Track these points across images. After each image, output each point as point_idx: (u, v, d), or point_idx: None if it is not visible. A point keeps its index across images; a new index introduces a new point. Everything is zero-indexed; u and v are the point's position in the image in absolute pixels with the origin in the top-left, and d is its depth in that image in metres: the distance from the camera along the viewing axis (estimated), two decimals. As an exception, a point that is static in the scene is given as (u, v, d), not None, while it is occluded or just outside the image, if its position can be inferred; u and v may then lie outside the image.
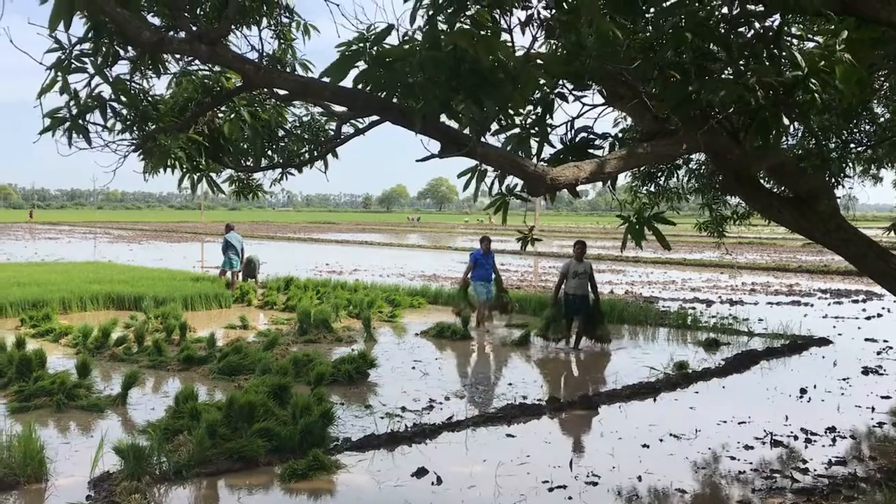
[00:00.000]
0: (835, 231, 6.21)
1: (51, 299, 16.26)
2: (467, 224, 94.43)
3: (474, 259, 15.54)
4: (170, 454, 7.06)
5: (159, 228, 69.48)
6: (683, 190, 12.63)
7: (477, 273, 15.51)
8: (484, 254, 15.52)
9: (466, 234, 66.18)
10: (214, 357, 11.35)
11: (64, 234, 59.51)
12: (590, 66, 4.99)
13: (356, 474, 7.07)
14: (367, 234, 64.65)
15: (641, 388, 10.48)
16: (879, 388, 10.76)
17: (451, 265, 31.62)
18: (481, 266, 15.51)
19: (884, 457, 7.83)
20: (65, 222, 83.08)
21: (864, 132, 10.66)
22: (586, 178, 4.43)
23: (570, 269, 13.54)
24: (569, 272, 13.52)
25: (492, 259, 15.66)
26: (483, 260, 15.51)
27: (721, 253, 32.64)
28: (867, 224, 9.09)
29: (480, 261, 15.49)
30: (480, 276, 15.51)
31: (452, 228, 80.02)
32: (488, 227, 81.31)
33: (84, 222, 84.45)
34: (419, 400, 9.64)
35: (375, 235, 61.49)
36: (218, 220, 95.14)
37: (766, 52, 4.68)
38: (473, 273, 15.52)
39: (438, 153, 4.32)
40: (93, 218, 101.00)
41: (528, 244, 5.91)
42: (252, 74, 4.50)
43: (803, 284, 25.72)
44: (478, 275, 15.52)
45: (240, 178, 7.27)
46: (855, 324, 16.91)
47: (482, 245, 15.64)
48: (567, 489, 6.74)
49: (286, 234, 61.27)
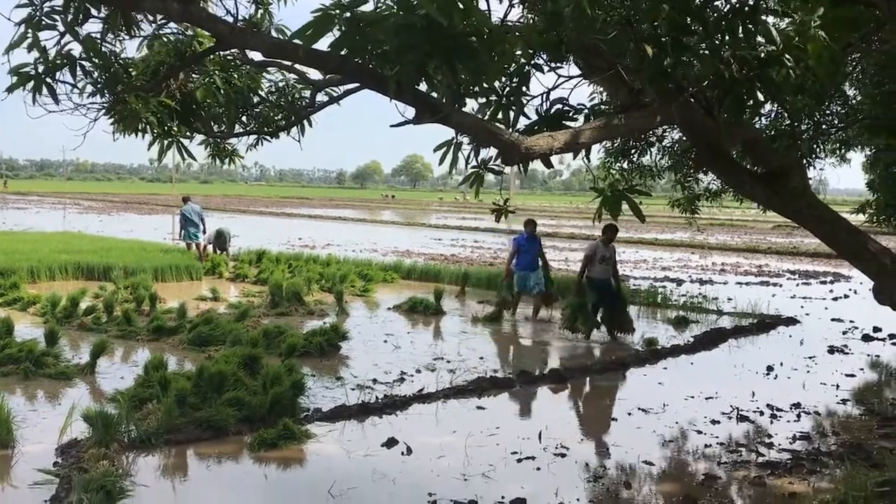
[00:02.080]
0: (806, 208, 6.25)
1: (19, 268, 16.02)
2: (442, 202, 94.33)
3: (518, 245, 13.84)
4: (138, 422, 7.03)
5: (130, 200, 68.72)
6: (657, 167, 12.71)
7: (521, 261, 13.75)
8: (528, 238, 13.78)
9: (441, 211, 66.17)
10: (185, 328, 11.28)
11: (33, 204, 58.74)
12: (566, 38, 4.97)
13: (326, 444, 7.08)
14: (341, 209, 64.41)
15: (611, 363, 10.59)
16: (844, 366, 10.94)
17: (425, 241, 31.64)
18: (526, 252, 13.75)
19: (846, 432, 7.96)
20: (34, 193, 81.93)
21: (836, 114, 10.76)
22: (560, 149, 4.43)
23: (596, 252, 12.40)
24: (595, 256, 12.38)
25: (538, 244, 13.95)
26: (527, 245, 13.75)
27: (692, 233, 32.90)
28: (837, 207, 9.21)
29: (525, 246, 13.75)
30: (525, 263, 13.72)
31: (427, 206, 79.94)
32: (463, 204, 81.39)
33: (53, 193, 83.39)
34: (390, 372, 9.66)
35: (349, 211, 61.31)
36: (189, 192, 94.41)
37: (741, 27, 4.69)
38: (517, 261, 13.78)
39: (413, 119, 4.29)
40: (62, 189, 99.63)
41: (502, 216, 5.91)
42: (225, 35, 4.44)
43: (772, 265, 26.00)
44: (522, 262, 13.74)
45: (215, 142, 7.19)
46: (822, 304, 17.15)
47: (526, 228, 13.93)
48: (535, 460, 6.79)
49: (258, 208, 60.86)
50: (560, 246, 31.19)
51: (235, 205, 64.83)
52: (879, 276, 5.93)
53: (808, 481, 6.52)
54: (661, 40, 4.63)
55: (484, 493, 6.02)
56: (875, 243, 6.03)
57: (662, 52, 4.57)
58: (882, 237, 22.77)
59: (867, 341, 12.94)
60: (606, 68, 4.98)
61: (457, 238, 34.62)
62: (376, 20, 3.66)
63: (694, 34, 4.79)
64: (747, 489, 6.38)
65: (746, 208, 18.71)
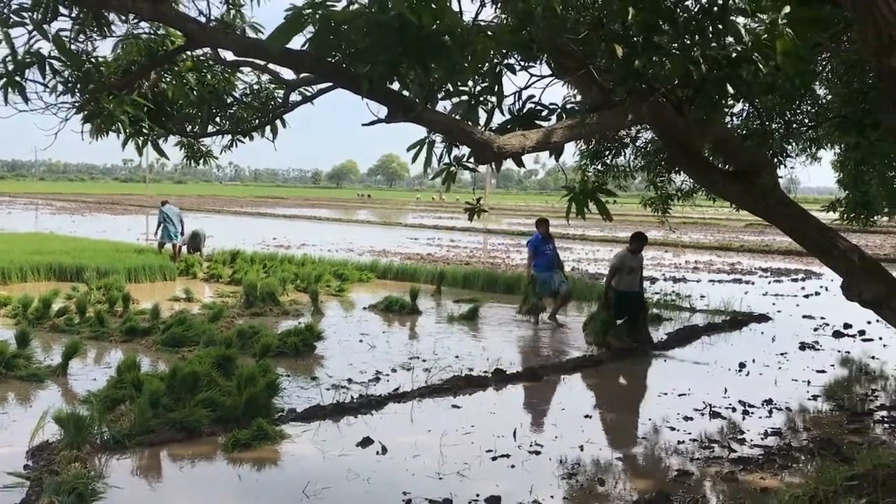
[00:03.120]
0: (776, 206, 6.32)
1: (-11, 269, 15.86)
2: (419, 201, 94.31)
3: (533, 246, 13.62)
4: (111, 424, 6.99)
5: (103, 200, 68.04)
6: (630, 168, 12.78)
7: (538, 262, 13.52)
8: (543, 238, 13.59)
9: (417, 210, 66.12)
10: (158, 329, 11.21)
11: (4, 205, 57.99)
12: (537, 37, 5.00)
13: (301, 444, 7.07)
14: (316, 209, 64.21)
15: (585, 360, 10.64)
16: (815, 362, 11.06)
17: (401, 241, 31.61)
18: (542, 253, 13.52)
19: (817, 428, 8.06)
20: (5, 193, 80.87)
21: (806, 113, 10.87)
22: (532, 147, 4.46)
23: (624, 263, 11.84)
24: (623, 267, 11.81)
25: (552, 244, 13.75)
26: (543, 246, 13.55)
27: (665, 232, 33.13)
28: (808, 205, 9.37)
29: (540, 247, 13.55)
30: (542, 264, 13.48)
31: (403, 205, 79.86)
32: (440, 204, 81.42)
33: (25, 193, 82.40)
34: (366, 372, 9.65)
35: (324, 211, 61.14)
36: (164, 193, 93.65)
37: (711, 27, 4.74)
38: (536, 263, 13.55)
39: (385, 118, 4.30)
40: (34, 189, 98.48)
41: (475, 215, 5.93)
42: (195, 33, 4.43)
43: (745, 263, 26.24)
44: (539, 264, 13.50)
45: (189, 143, 7.15)
46: (793, 301, 17.33)
47: (539, 228, 13.78)
48: (510, 458, 6.82)
49: (233, 208, 60.51)
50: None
51: (210, 205, 64.40)
52: (848, 273, 6.01)
53: (779, 476, 6.59)
54: (631, 40, 4.67)
55: (459, 492, 6.03)
56: (844, 241, 6.11)
57: (633, 51, 4.62)
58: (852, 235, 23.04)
59: (838, 338, 13.10)
60: (578, 68, 5.02)
61: (433, 237, 34.64)
62: (348, 19, 3.67)
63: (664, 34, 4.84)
64: (719, 485, 6.44)
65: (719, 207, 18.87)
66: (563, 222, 7.58)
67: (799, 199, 12.04)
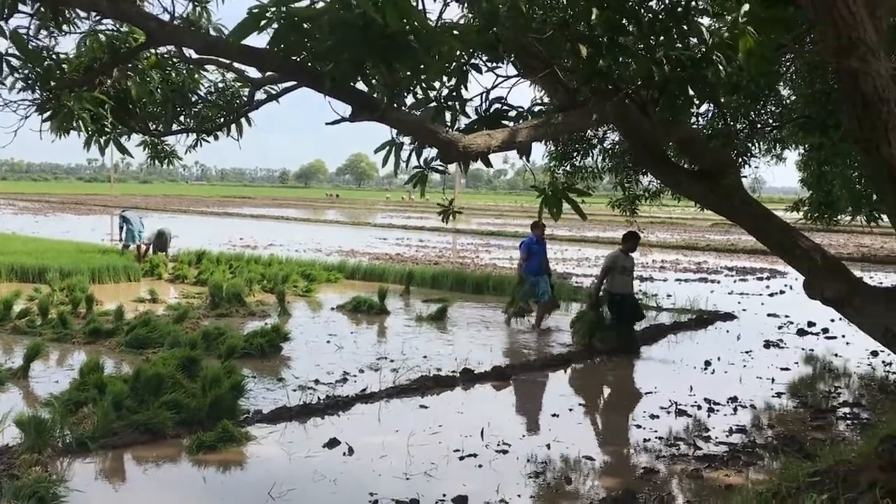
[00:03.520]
0: (740, 206, 6.37)
1: (-52, 271, 15.59)
2: (388, 201, 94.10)
3: (527, 248, 13.23)
4: (73, 427, 6.89)
5: (67, 200, 67.10)
6: (598, 169, 12.85)
7: (531, 265, 13.13)
8: (538, 241, 13.21)
9: (386, 210, 65.99)
10: (122, 330, 11.07)
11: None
12: (503, 38, 5.00)
13: (267, 446, 7.01)
14: (284, 209, 63.84)
15: (553, 360, 10.68)
16: (779, 360, 11.19)
17: (370, 241, 31.52)
18: (535, 256, 13.12)
19: (781, 425, 8.15)
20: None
21: (771, 113, 11.00)
22: (498, 147, 4.46)
23: (616, 263, 11.54)
24: (615, 267, 11.51)
25: (545, 248, 13.42)
26: (536, 248, 13.16)
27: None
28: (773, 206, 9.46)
29: (534, 249, 13.15)
30: (535, 268, 13.11)
31: (373, 205, 79.65)
32: (409, 204, 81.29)
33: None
34: (333, 373, 9.60)
35: (292, 211, 60.82)
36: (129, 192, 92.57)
37: (675, 28, 4.77)
38: (527, 265, 13.18)
39: (349, 117, 4.28)
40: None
41: (449, 216, 5.92)
42: (156, 31, 4.37)
43: (711, 262, 26.49)
44: (531, 267, 13.11)
45: (152, 142, 7.07)
46: (758, 300, 17.52)
47: (535, 231, 13.36)
48: (478, 457, 6.82)
49: (199, 208, 59.95)
50: (505, 245, 31.36)
51: (176, 204, 63.79)
52: (810, 272, 6.08)
53: (743, 473, 6.65)
54: (596, 40, 4.69)
55: (426, 492, 6.02)
56: (806, 240, 6.18)
57: (597, 52, 4.64)
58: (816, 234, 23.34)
59: (801, 336, 13.27)
60: (543, 68, 5.02)
61: (402, 237, 34.58)
62: (312, 17, 3.64)
63: (629, 34, 4.86)
64: (685, 482, 6.49)
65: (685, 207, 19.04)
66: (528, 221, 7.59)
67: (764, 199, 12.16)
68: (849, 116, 4.45)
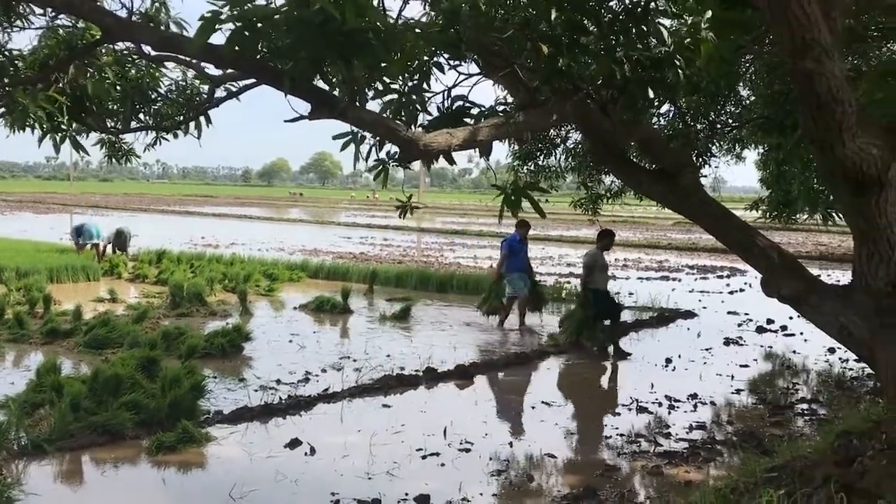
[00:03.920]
0: (698, 205, 6.46)
1: None
2: (353, 199, 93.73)
3: (508, 246, 13.28)
4: (29, 429, 6.78)
5: (25, 199, 65.94)
6: (561, 168, 12.92)
7: (512, 263, 13.23)
8: (521, 241, 13.32)
9: (351, 209, 65.75)
10: (80, 330, 10.92)
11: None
12: (465, 36, 5.01)
13: (227, 446, 6.95)
14: (247, 208, 63.34)
15: (516, 358, 10.72)
16: (739, 357, 11.33)
17: (333, 240, 31.38)
18: (516, 254, 13.25)
19: (740, 421, 8.25)
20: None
21: (731, 114, 11.14)
22: (459, 145, 4.46)
23: (597, 261, 11.62)
24: (596, 265, 11.59)
25: (526, 248, 13.55)
26: (518, 247, 13.29)
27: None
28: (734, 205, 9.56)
29: (515, 247, 13.25)
30: (516, 266, 13.23)
31: (337, 204, 79.31)
32: (374, 202, 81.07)
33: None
34: (295, 373, 9.54)
35: (255, 209, 60.37)
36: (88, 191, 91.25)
37: (634, 28, 4.80)
38: (508, 263, 13.24)
39: (308, 114, 4.25)
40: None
41: (406, 212, 5.91)
42: (112, 27, 4.31)
43: (672, 261, 26.76)
44: (513, 265, 13.23)
45: (110, 141, 6.96)
46: (719, 298, 17.73)
47: (520, 230, 13.34)
48: (440, 456, 6.82)
49: (160, 206, 59.23)
50: (469, 243, 31.42)
51: (136, 203, 63.01)
52: (768, 270, 6.18)
53: (703, 469, 6.73)
54: (557, 40, 4.71)
55: (388, 491, 6.01)
56: (764, 239, 6.27)
57: (558, 51, 4.65)
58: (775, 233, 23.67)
59: (761, 333, 13.46)
60: (504, 67, 5.04)
61: (366, 236, 34.47)
62: (267, 17, 3.61)
63: (590, 34, 4.89)
64: (646, 478, 6.54)
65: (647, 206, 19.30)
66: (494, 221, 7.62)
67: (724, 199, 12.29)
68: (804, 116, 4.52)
